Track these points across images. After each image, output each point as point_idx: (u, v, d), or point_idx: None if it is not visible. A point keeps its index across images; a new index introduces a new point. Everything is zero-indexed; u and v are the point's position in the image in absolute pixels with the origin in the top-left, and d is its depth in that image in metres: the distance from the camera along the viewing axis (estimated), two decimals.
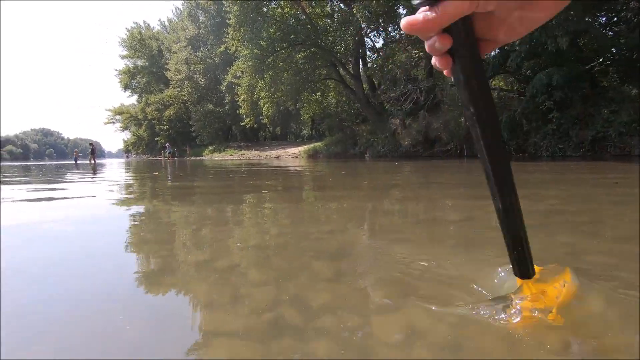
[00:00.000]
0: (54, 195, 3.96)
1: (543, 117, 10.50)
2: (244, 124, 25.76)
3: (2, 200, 3.38)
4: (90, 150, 18.96)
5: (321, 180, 5.63)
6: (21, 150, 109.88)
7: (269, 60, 16.86)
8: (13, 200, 3.45)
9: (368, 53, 21.76)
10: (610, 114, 9.57)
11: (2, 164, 31.33)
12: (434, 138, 14.95)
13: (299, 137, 42.38)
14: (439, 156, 14.67)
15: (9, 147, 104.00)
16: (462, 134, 13.65)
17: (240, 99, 20.49)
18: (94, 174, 8.40)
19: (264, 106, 18.40)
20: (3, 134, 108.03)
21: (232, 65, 28.87)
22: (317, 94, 20.87)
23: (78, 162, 21.59)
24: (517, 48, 9.68)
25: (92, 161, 18.84)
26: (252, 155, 26.83)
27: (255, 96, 18.35)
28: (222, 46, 20.85)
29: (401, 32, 20.20)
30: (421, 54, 15.43)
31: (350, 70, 19.74)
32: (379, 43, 22.21)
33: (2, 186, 5.30)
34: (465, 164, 9.21)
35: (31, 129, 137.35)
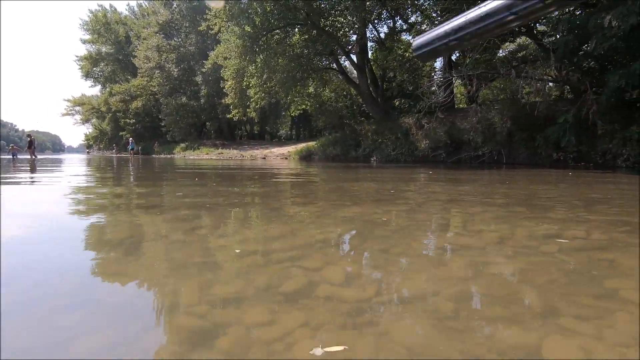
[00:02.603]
0: None
1: (626, 118, 8.27)
2: (230, 116, 22.21)
3: None
4: (28, 143, 14.98)
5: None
6: None
7: (262, 40, 13.79)
8: None
9: (371, 44, 19.22)
10: None
11: None
12: (463, 141, 12.54)
13: (275, 137, 39.19)
14: (467, 162, 12.28)
15: None
16: (502, 137, 11.31)
17: (227, 86, 17.12)
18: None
19: (254, 96, 15.24)
20: None
21: (212, 52, 25.39)
22: (311, 86, 17.94)
23: (17, 156, 17.43)
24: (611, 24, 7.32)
25: (32, 156, 14.94)
26: (233, 154, 23.48)
27: (244, 83, 15.16)
28: (203, 24, 17.47)
29: (407, 21, 17.89)
30: None
31: (355, 60, 17.07)
32: (382, 33, 19.83)
33: None
34: (527, 175, 6.73)
35: None
